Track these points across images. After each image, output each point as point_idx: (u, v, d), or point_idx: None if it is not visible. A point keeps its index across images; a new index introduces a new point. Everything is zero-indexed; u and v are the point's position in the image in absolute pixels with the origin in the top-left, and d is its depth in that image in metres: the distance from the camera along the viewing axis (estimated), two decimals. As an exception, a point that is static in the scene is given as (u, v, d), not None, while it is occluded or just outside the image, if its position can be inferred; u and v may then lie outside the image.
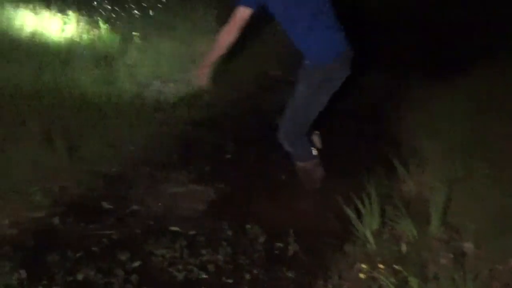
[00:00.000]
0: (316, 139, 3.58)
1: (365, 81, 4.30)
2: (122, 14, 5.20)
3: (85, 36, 4.79)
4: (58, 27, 4.79)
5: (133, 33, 4.93)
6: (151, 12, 5.32)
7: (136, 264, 2.68)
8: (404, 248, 2.61)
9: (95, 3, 5.24)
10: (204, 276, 2.66)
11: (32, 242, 2.78)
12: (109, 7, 5.23)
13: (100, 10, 5.16)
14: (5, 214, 2.92)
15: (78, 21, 4.94)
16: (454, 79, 4.12)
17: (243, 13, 3.08)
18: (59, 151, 3.35)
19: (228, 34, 3.16)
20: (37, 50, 4.34)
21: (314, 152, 3.40)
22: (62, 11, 4.99)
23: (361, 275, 2.46)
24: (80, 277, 2.58)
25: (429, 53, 4.93)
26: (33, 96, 3.74)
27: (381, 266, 2.46)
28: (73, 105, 3.78)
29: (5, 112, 3.53)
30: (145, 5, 5.36)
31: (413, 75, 4.52)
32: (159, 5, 5.43)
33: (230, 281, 2.64)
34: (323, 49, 3.11)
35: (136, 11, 5.27)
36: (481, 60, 4.36)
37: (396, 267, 2.46)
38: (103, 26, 4.92)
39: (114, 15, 5.14)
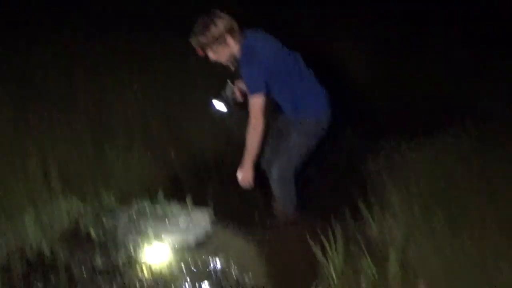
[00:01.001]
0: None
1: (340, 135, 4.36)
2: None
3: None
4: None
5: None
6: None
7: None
8: (364, 286, 2.59)
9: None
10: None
11: (19, 265, 2.78)
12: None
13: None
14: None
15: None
16: (421, 137, 4.17)
17: (261, 101, 2.94)
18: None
19: (257, 130, 2.98)
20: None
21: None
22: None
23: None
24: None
25: (400, 112, 4.98)
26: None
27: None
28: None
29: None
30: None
31: (384, 130, 4.56)
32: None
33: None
34: (319, 107, 3.17)
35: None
36: (446, 122, 4.43)
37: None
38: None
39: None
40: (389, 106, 4.83)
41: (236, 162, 3.22)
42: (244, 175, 3.16)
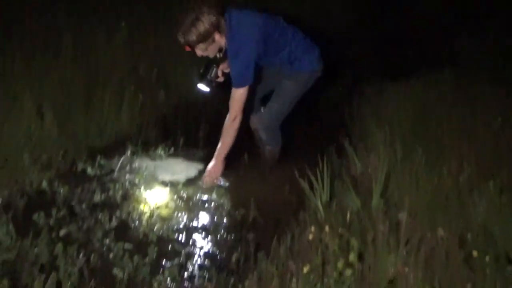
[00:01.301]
0: None
1: (327, 82, 4.41)
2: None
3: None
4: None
5: None
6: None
7: (114, 223, 2.75)
8: (348, 217, 2.66)
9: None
10: (176, 236, 2.75)
11: (21, 202, 2.81)
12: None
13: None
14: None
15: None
16: (400, 80, 4.25)
17: (244, 95, 2.91)
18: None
19: (235, 122, 2.96)
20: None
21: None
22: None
23: (311, 237, 2.53)
24: (62, 233, 2.64)
25: (382, 59, 5.05)
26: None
27: (327, 230, 2.54)
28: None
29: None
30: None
31: (367, 75, 4.63)
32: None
33: (197, 241, 2.73)
34: (312, 60, 3.21)
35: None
36: (423, 66, 4.51)
37: (341, 231, 2.56)
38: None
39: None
40: (373, 52, 4.88)
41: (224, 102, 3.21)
42: (215, 169, 3.11)
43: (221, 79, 3.21)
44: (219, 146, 3.07)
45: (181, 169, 3.34)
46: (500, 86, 3.91)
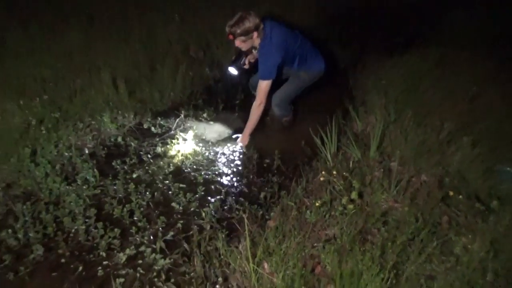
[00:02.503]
0: None
1: (333, 55, 4.27)
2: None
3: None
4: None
5: None
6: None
7: (172, 169, 2.79)
8: (351, 164, 2.67)
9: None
10: (217, 178, 2.78)
11: (102, 152, 2.87)
12: None
13: None
14: (86, 132, 3.00)
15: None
16: (395, 55, 4.08)
17: (268, 86, 2.88)
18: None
19: (260, 107, 2.93)
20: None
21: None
22: None
23: (322, 179, 2.53)
24: (134, 175, 2.70)
25: (380, 35, 4.82)
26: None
27: (335, 174, 2.54)
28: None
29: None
30: None
31: (367, 51, 4.46)
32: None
33: (234, 182, 2.75)
34: (319, 64, 3.14)
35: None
36: (414, 44, 4.31)
37: (345, 175, 2.54)
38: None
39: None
40: (372, 32, 4.66)
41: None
42: (243, 140, 3.11)
43: (247, 66, 3.20)
44: (247, 124, 3.05)
45: (221, 129, 3.32)
46: (476, 60, 3.73)
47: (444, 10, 5.05)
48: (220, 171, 2.85)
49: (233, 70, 3.15)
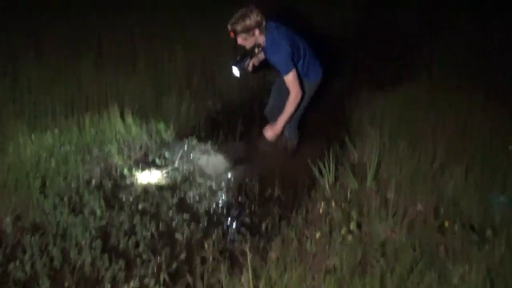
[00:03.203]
0: None
1: (328, 87, 4.28)
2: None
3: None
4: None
5: None
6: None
7: (175, 200, 2.75)
8: (349, 194, 2.65)
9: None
10: (220, 209, 2.74)
11: (109, 183, 2.83)
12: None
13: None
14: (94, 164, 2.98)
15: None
16: (387, 87, 4.09)
17: (295, 76, 2.82)
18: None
19: (297, 99, 2.86)
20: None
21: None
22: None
23: (321, 210, 2.51)
24: (140, 206, 2.66)
25: (372, 67, 4.85)
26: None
27: (333, 205, 2.51)
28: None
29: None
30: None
31: (361, 83, 4.48)
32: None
33: (237, 212, 2.74)
34: (318, 73, 3.08)
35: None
36: (404, 75, 4.34)
37: (343, 205, 2.52)
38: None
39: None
40: (366, 66, 4.71)
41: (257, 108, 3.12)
42: (275, 132, 3.03)
43: (250, 69, 3.11)
44: (282, 114, 2.93)
45: (223, 159, 3.29)
46: (465, 90, 3.76)
47: (436, 40, 5.10)
48: (223, 202, 2.82)
49: (235, 71, 3.04)
